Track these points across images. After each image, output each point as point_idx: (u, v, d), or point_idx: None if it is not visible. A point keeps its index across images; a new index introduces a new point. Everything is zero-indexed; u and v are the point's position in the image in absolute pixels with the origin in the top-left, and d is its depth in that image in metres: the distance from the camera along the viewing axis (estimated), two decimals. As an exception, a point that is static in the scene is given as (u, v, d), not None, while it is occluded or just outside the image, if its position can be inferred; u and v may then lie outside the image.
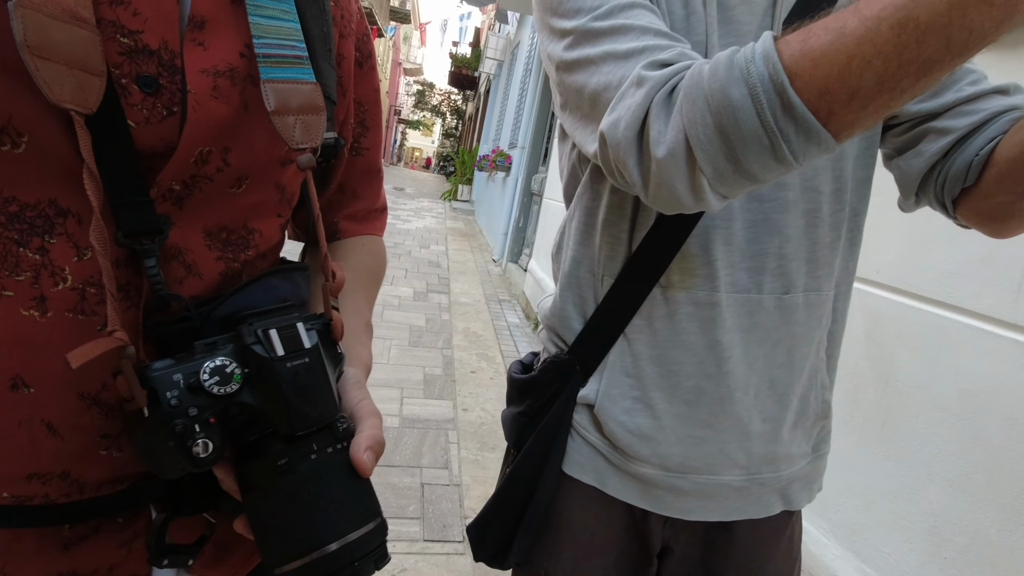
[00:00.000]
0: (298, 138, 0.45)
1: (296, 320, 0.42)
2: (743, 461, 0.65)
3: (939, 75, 0.38)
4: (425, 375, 3.07)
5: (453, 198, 13.49)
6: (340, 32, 0.55)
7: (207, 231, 0.46)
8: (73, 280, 0.40)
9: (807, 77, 0.40)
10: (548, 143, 5.78)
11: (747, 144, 0.43)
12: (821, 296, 0.63)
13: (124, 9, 0.39)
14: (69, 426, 0.41)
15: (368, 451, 0.41)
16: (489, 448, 2.41)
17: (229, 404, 0.38)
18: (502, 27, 11.40)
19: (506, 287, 5.67)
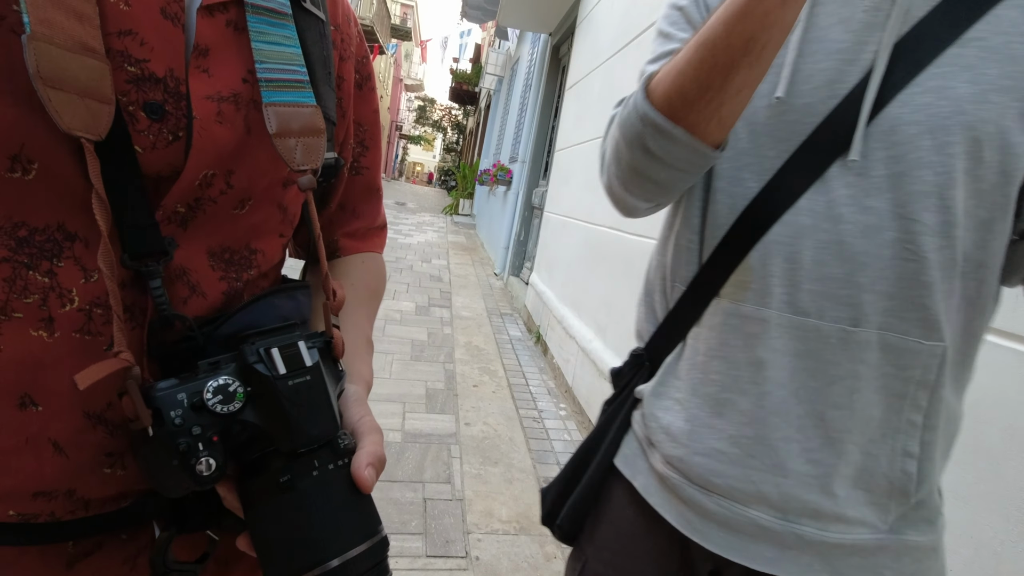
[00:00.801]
0: (299, 160, 0.46)
1: (298, 339, 0.42)
2: (774, 498, 0.59)
3: (736, 76, 0.50)
4: (427, 389, 3.07)
5: (454, 212, 13.55)
6: (340, 55, 0.56)
7: (211, 251, 0.47)
8: (80, 301, 0.41)
9: (657, 92, 0.56)
10: (548, 157, 5.82)
11: (629, 144, 0.59)
12: (908, 342, 0.55)
13: (132, 39, 0.40)
14: (75, 444, 0.42)
15: (369, 467, 0.42)
16: (492, 462, 2.40)
17: (232, 422, 0.39)
18: (502, 43, 11.52)
19: (508, 301, 5.68)
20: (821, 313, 0.57)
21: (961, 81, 0.51)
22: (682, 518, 0.65)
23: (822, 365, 0.57)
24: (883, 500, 0.58)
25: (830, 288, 0.56)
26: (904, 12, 0.54)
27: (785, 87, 0.57)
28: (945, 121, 0.51)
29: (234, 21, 0.45)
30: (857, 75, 0.55)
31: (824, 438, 0.58)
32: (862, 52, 0.55)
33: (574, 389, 3.20)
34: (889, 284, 0.55)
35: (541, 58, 6.59)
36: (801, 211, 0.57)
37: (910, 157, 0.53)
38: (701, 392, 0.64)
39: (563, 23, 5.72)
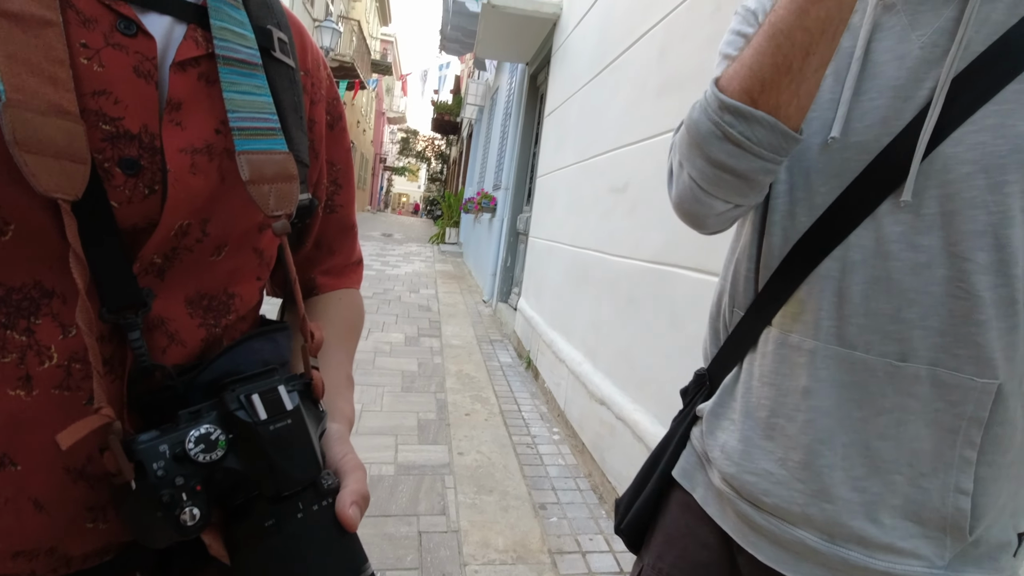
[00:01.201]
0: (273, 205, 0.47)
1: (278, 383, 0.43)
2: (820, 522, 0.61)
3: (814, 57, 0.54)
4: (419, 420, 3.05)
5: (441, 241, 13.59)
6: (311, 99, 0.58)
7: (188, 300, 0.48)
8: (59, 358, 0.41)
9: (733, 85, 0.58)
10: (531, 183, 5.89)
11: (707, 140, 0.59)
12: (960, 378, 0.55)
13: (106, 99, 0.41)
14: (56, 501, 0.42)
15: (353, 506, 0.43)
16: (487, 491, 2.38)
17: (215, 470, 0.39)
18: (481, 74, 11.72)
19: (497, 327, 5.68)
20: (868, 347, 0.57)
21: (1021, 118, 0.50)
22: (737, 529, 0.68)
23: (868, 397, 0.58)
24: (937, 535, 0.57)
25: (877, 323, 0.57)
26: (963, 48, 0.53)
27: (840, 126, 0.59)
28: (1001, 160, 0.51)
29: (205, 74, 0.47)
30: (912, 112, 0.56)
31: (870, 467, 0.59)
32: (918, 89, 0.56)
33: (567, 413, 3.19)
34: (940, 321, 0.55)
35: (519, 87, 6.71)
36: (851, 247, 0.58)
37: (963, 196, 0.53)
38: (754, 415, 0.67)
39: (539, 53, 5.85)
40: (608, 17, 3.39)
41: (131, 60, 0.43)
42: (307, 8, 13.07)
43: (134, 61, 0.43)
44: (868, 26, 0.59)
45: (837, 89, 0.60)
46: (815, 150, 0.61)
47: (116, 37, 0.42)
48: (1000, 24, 0.53)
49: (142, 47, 0.43)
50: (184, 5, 0.47)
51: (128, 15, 0.43)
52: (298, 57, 0.56)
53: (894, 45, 0.58)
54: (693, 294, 1.96)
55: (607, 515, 2.33)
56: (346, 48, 14.77)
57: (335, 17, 14.81)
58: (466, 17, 8.47)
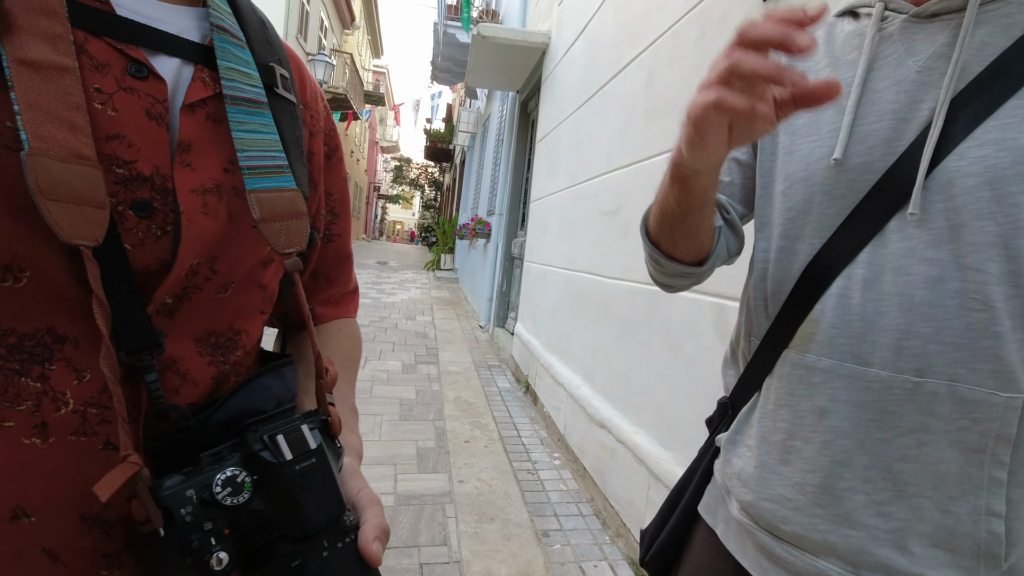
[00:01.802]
0: (283, 243, 0.48)
1: (300, 422, 0.43)
2: (842, 550, 0.59)
3: (679, 221, 0.65)
4: (418, 449, 3.02)
5: (436, 268, 13.62)
6: (310, 131, 0.58)
7: (197, 338, 0.48)
8: (74, 403, 0.41)
9: (650, 219, 0.70)
10: (525, 208, 5.94)
11: (644, 249, 0.73)
12: (982, 394, 0.53)
13: (119, 142, 0.42)
14: (71, 550, 0.41)
15: (376, 541, 0.43)
16: (488, 519, 2.35)
17: (240, 513, 0.39)
18: (472, 102, 11.90)
19: (494, 352, 5.66)
20: (884, 364, 0.57)
21: (1022, 132, 0.51)
22: (758, 565, 0.66)
23: (888, 416, 0.56)
24: (970, 563, 0.55)
25: (892, 339, 0.56)
26: (960, 69, 0.55)
27: (842, 149, 0.60)
28: (1005, 172, 0.52)
29: (213, 114, 0.47)
30: (914, 133, 0.57)
31: (894, 491, 0.57)
32: (917, 111, 0.57)
33: (567, 437, 3.16)
34: (957, 335, 0.53)
35: (510, 114, 6.81)
36: (860, 264, 0.59)
37: (970, 208, 0.53)
38: (770, 439, 0.66)
39: (529, 81, 5.96)
40: (595, 45, 3.46)
41: (143, 103, 0.43)
42: (300, 42, 13.31)
43: (145, 104, 0.43)
44: (867, 57, 0.61)
45: (837, 119, 0.62)
46: (820, 175, 0.63)
47: (128, 80, 0.43)
48: (996, 46, 0.55)
49: (153, 89, 0.44)
50: (192, 46, 0.48)
51: (139, 58, 0.44)
52: (297, 91, 0.57)
53: (891, 72, 0.60)
54: (688, 314, 1.97)
55: (610, 540, 2.30)
56: (339, 80, 14.99)
57: (328, 51, 15.07)
58: (456, 48, 8.64)
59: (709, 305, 1.82)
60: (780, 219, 0.67)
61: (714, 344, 1.78)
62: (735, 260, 0.80)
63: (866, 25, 0.63)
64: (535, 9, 5.88)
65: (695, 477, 0.80)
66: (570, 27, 4.20)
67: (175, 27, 0.47)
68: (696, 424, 1.88)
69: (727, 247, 0.74)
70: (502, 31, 5.28)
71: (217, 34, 0.48)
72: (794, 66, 0.68)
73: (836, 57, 0.66)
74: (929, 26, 0.59)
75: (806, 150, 0.65)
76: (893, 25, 0.62)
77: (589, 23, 3.65)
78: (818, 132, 0.64)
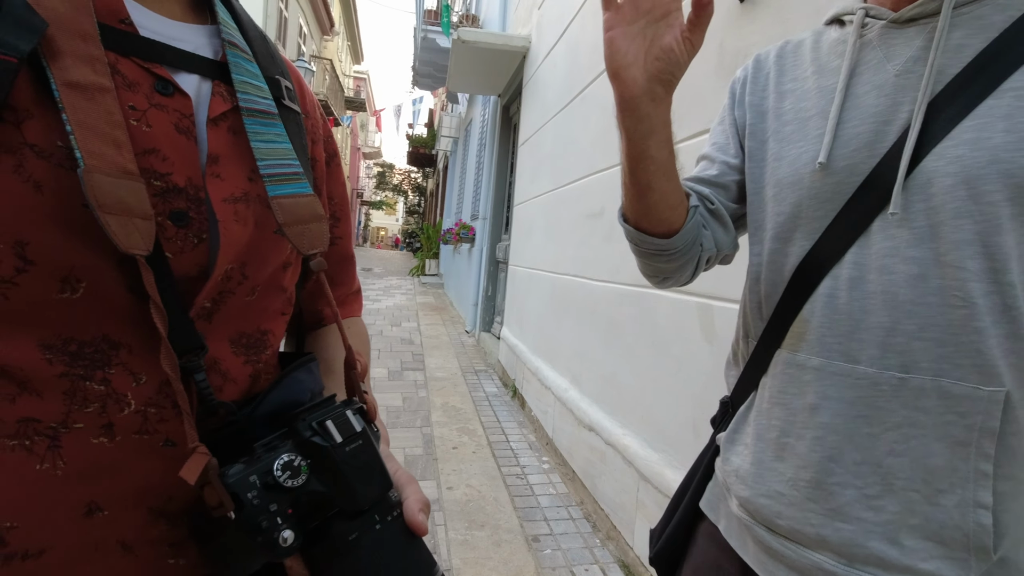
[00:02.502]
0: (308, 245, 0.51)
1: (344, 408, 0.47)
2: (835, 543, 0.60)
3: (631, 178, 0.66)
4: (405, 456, 2.99)
5: (421, 273, 13.57)
6: (312, 139, 0.62)
7: (231, 340, 0.51)
8: (135, 404, 0.44)
9: (623, 202, 0.72)
10: (508, 212, 5.93)
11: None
12: (966, 388, 0.54)
13: (155, 157, 0.45)
14: (142, 541, 0.45)
15: (421, 512, 0.48)
16: (478, 526, 2.33)
17: (300, 494, 0.43)
18: (454, 107, 11.90)
19: (481, 357, 5.64)
20: (871, 361, 0.58)
21: (997, 131, 0.53)
22: (757, 559, 0.68)
23: (876, 412, 0.58)
24: (961, 555, 0.55)
25: (878, 336, 0.58)
26: (937, 72, 0.56)
27: (826, 153, 0.62)
28: (981, 171, 0.53)
29: (232, 126, 0.51)
30: (895, 135, 0.59)
31: (884, 485, 0.58)
32: (897, 113, 0.59)
33: (555, 441, 3.16)
34: (940, 331, 0.55)
35: (493, 118, 6.82)
36: (847, 264, 0.60)
37: (948, 207, 0.55)
38: (765, 437, 0.67)
39: (510, 85, 5.97)
40: (576, 48, 3.48)
41: (171, 118, 0.46)
42: (279, 49, 13.21)
43: (174, 119, 0.46)
44: (849, 63, 0.63)
45: (823, 124, 0.64)
46: (807, 179, 0.65)
47: (156, 98, 0.46)
48: (972, 48, 0.56)
49: (179, 105, 0.47)
50: (207, 63, 0.51)
51: (165, 76, 0.47)
52: (299, 101, 0.60)
53: (872, 77, 0.62)
54: (674, 315, 1.97)
55: (601, 544, 2.30)
56: (319, 86, 14.91)
57: (307, 57, 14.98)
58: (437, 52, 8.63)
59: (695, 305, 1.82)
60: (771, 223, 0.69)
61: (701, 345, 1.78)
62: (731, 259, 0.81)
63: (849, 32, 0.65)
64: (515, 13, 5.90)
65: (697, 475, 0.82)
66: (550, 31, 4.21)
67: (191, 45, 0.50)
68: (685, 425, 1.88)
69: (715, 240, 0.75)
70: (482, 35, 5.28)
71: (230, 50, 0.52)
72: (783, 77, 0.72)
73: (822, 64, 0.68)
74: (907, 31, 0.61)
75: (794, 155, 0.67)
76: (873, 31, 0.63)
77: (569, 26, 3.66)
78: (805, 138, 0.66)
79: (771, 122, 0.71)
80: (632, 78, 0.59)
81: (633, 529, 2.12)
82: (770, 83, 0.73)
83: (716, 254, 0.76)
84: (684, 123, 1.94)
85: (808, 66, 0.69)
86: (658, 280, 0.79)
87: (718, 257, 0.78)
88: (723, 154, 0.77)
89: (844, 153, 0.62)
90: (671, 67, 0.58)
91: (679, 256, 0.72)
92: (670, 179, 0.66)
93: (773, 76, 0.73)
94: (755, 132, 0.73)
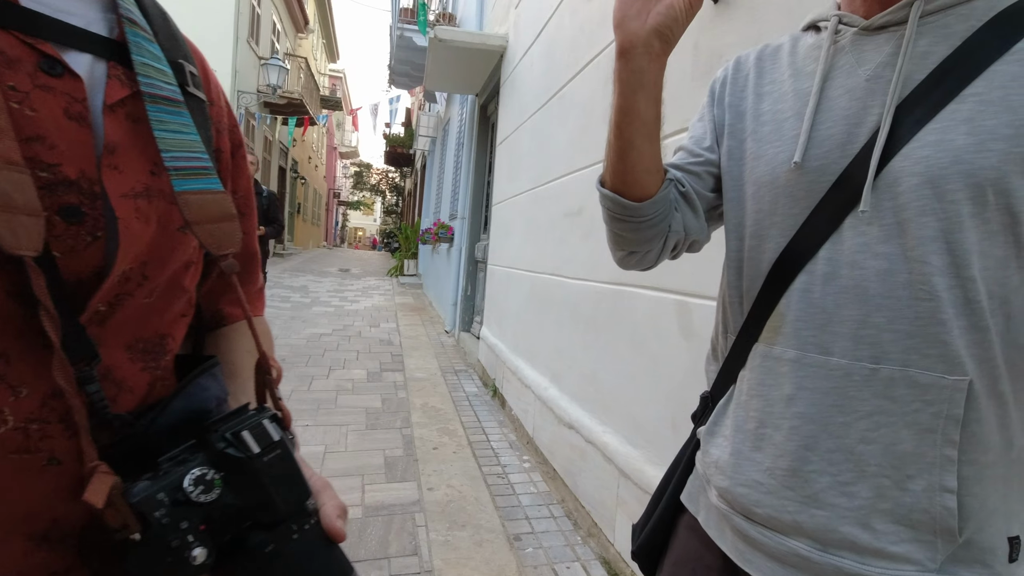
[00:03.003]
0: (218, 245, 0.47)
1: (260, 418, 0.46)
2: (811, 529, 0.62)
3: (621, 132, 0.68)
4: (386, 458, 2.97)
5: (400, 273, 13.48)
6: (216, 129, 0.57)
7: (127, 346, 0.46)
8: (15, 420, 0.39)
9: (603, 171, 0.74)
10: (487, 211, 5.93)
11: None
12: (932, 377, 0.57)
13: (41, 145, 0.39)
14: (19, 571, 0.40)
15: (339, 519, 0.46)
16: (459, 526, 2.32)
17: (213, 509, 0.41)
18: (431, 106, 11.84)
19: (461, 357, 5.63)
20: (844, 352, 0.61)
21: (959, 134, 0.55)
22: (735, 548, 0.70)
23: (848, 401, 0.60)
24: (928, 537, 0.58)
25: (851, 329, 0.60)
26: (904, 78, 0.59)
27: (801, 153, 0.65)
28: (944, 171, 0.55)
29: (132, 113, 0.45)
30: (865, 136, 0.61)
31: (857, 472, 0.60)
32: (867, 116, 0.61)
33: (536, 440, 3.16)
34: (908, 323, 0.57)
35: (470, 117, 6.80)
36: (821, 260, 0.63)
37: (913, 205, 0.57)
38: (744, 428, 0.70)
39: (487, 84, 5.96)
40: (553, 48, 3.48)
41: (60, 102, 0.41)
42: (252, 46, 13.01)
43: (63, 103, 0.41)
44: (823, 68, 0.66)
45: (798, 125, 0.67)
46: (783, 178, 0.67)
47: (41, 78, 0.40)
48: (937, 55, 0.59)
49: (70, 88, 0.42)
50: (102, 41, 0.45)
51: (51, 54, 0.41)
52: (204, 87, 0.55)
53: (844, 81, 0.65)
54: (652, 312, 1.99)
55: (582, 541, 2.31)
56: (294, 85, 14.71)
57: (281, 55, 14.77)
58: (414, 51, 8.57)
59: (672, 303, 1.84)
60: (751, 220, 0.72)
61: (678, 341, 1.80)
62: (699, 247, 0.82)
63: (824, 38, 0.68)
64: (492, 12, 5.89)
65: (679, 469, 0.83)
66: (527, 30, 4.22)
67: (82, 20, 0.44)
68: (664, 421, 1.90)
69: (684, 223, 0.76)
70: (459, 34, 5.26)
71: (129, 28, 0.46)
72: (762, 80, 0.74)
73: (798, 68, 0.71)
74: (877, 38, 0.63)
75: (771, 155, 0.69)
76: (846, 38, 0.66)
77: (546, 26, 3.67)
78: (781, 138, 0.68)
79: (749, 122, 0.73)
80: (633, 29, 0.63)
81: (614, 526, 2.13)
82: (749, 84, 0.75)
83: (684, 239, 0.78)
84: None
85: (785, 69, 0.72)
86: (623, 254, 0.79)
87: (686, 243, 0.79)
88: (698, 146, 0.79)
89: (818, 153, 0.64)
90: (669, 22, 0.62)
91: (645, 227, 0.73)
92: (652, 141, 0.68)
93: (752, 78, 0.75)
94: (734, 131, 0.75)
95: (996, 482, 0.58)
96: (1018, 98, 0.54)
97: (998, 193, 0.54)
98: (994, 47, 0.56)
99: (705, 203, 0.79)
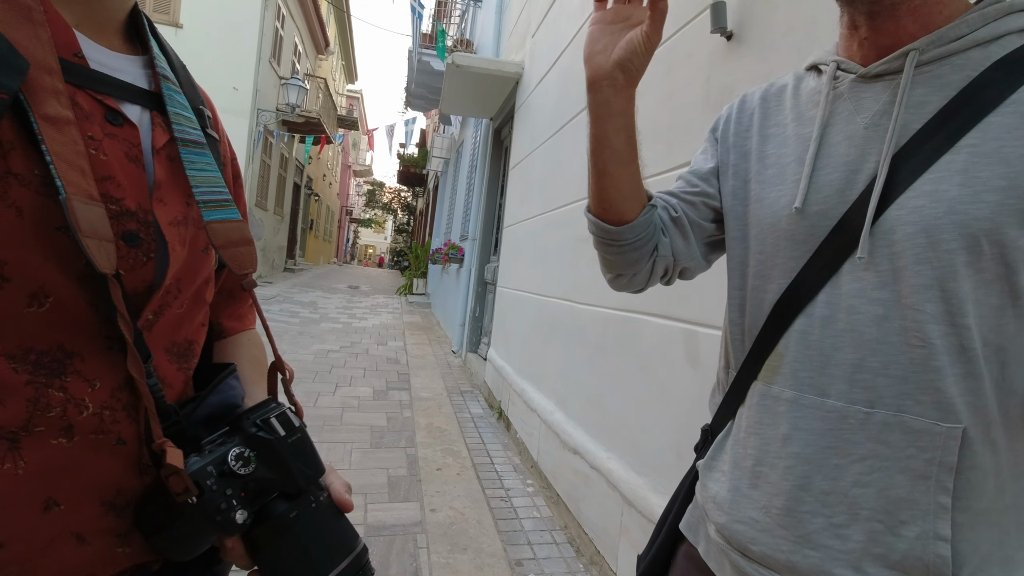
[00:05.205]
0: (240, 265, 0.58)
1: (284, 408, 0.57)
2: (803, 570, 0.62)
3: (595, 159, 0.72)
4: (389, 477, 2.97)
5: (408, 292, 13.53)
6: (222, 162, 0.66)
7: (166, 349, 0.56)
8: (93, 407, 0.48)
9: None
10: (498, 234, 5.97)
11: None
12: (926, 423, 0.56)
13: (111, 183, 0.49)
14: (95, 532, 0.49)
15: (347, 493, 0.59)
16: (460, 549, 2.31)
17: (249, 480, 0.51)
18: (446, 128, 12.01)
19: (467, 378, 5.63)
20: (840, 395, 0.61)
21: (953, 184, 0.56)
22: None
23: (843, 444, 0.61)
24: None
25: (846, 372, 0.61)
26: (901, 127, 0.60)
27: (802, 198, 0.66)
28: (938, 221, 0.56)
29: (171, 155, 0.55)
30: (863, 183, 0.63)
31: (850, 514, 0.60)
32: (865, 163, 0.63)
33: (540, 464, 3.15)
34: (902, 369, 0.58)
35: (484, 141, 6.89)
36: (819, 303, 0.64)
37: (908, 254, 0.58)
38: (741, 465, 0.70)
39: (502, 109, 6.05)
40: (568, 77, 3.55)
41: (122, 147, 0.51)
42: (273, 66, 13.30)
43: (124, 148, 0.51)
44: (823, 114, 0.68)
45: (799, 170, 0.68)
46: (784, 222, 0.69)
47: (108, 128, 0.50)
48: (933, 105, 0.60)
49: (128, 135, 0.52)
50: (144, 93, 0.55)
51: (114, 107, 0.51)
52: (215, 127, 0.65)
53: (844, 127, 0.66)
54: (659, 340, 2.00)
55: (584, 568, 2.28)
56: (312, 104, 14.99)
57: (301, 75, 15.08)
58: (431, 75, 8.74)
59: (679, 331, 1.85)
60: (754, 260, 0.73)
61: (685, 370, 1.80)
62: (692, 275, 0.84)
63: (824, 83, 0.70)
64: (508, 40, 6.01)
65: (679, 498, 0.84)
66: (542, 59, 4.30)
67: (130, 76, 0.54)
68: (669, 449, 1.89)
69: (673, 248, 0.79)
70: (476, 60, 5.37)
71: (164, 83, 0.56)
72: (767, 121, 0.76)
73: (800, 112, 0.72)
74: (874, 86, 0.65)
75: (773, 198, 0.71)
76: (844, 84, 0.68)
77: (561, 56, 3.75)
78: (783, 182, 0.70)
79: (754, 163, 0.75)
80: (599, 63, 0.68)
81: (617, 554, 2.11)
82: (754, 125, 0.77)
83: (673, 264, 0.79)
84: (673, 152, 1.99)
85: (788, 112, 0.74)
86: (612, 277, 0.82)
87: (675, 268, 0.81)
88: (697, 177, 0.82)
89: (818, 199, 0.66)
90: (630, 55, 0.66)
91: (628, 250, 0.75)
92: (625, 167, 0.72)
93: (757, 119, 0.77)
94: (738, 171, 0.77)
95: (991, 528, 0.58)
96: (1012, 150, 0.54)
97: (992, 243, 0.55)
98: (989, 99, 0.57)
99: (700, 232, 0.80)
